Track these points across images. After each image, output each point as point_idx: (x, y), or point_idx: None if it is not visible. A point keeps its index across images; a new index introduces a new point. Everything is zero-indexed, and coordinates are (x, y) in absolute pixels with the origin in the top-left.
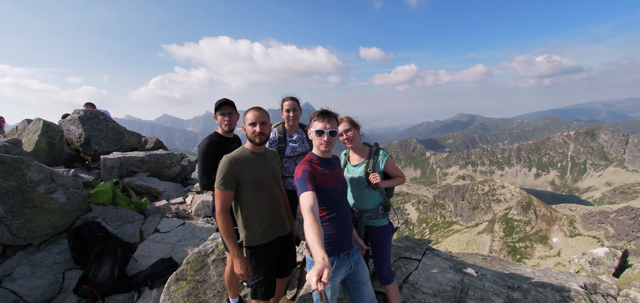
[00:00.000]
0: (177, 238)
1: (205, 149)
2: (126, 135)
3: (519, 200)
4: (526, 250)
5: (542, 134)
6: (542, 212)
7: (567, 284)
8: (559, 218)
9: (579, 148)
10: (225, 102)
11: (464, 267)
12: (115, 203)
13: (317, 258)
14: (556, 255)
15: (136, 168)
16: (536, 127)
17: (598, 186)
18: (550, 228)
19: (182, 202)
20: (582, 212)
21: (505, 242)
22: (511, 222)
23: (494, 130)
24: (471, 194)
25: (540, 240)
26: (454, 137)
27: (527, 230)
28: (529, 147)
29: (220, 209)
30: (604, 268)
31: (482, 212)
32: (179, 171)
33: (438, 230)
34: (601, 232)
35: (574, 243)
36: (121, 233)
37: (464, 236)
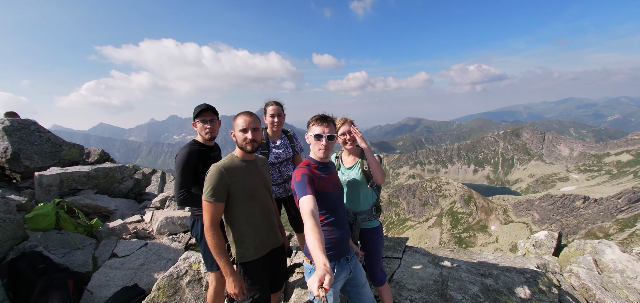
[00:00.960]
0: (139, 262)
1: (185, 158)
2: (65, 148)
3: (462, 195)
4: (470, 239)
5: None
6: (481, 204)
7: (526, 266)
8: (495, 209)
9: (507, 145)
10: (206, 107)
11: (441, 261)
12: (60, 227)
13: (319, 264)
14: (495, 242)
15: (80, 185)
16: (472, 128)
17: (524, 178)
18: (489, 218)
19: (139, 220)
20: (512, 202)
21: (452, 234)
22: (456, 215)
23: (438, 132)
24: (421, 192)
25: (481, 229)
26: (404, 140)
27: (470, 221)
28: (467, 146)
29: (210, 224)
30: (545, 249)
31: (431, 207)
32: (132, 186)
33: (394, 227)
34: (529, 217)
35: (508, 229)
36: (70, 262)
37: (417, 231)
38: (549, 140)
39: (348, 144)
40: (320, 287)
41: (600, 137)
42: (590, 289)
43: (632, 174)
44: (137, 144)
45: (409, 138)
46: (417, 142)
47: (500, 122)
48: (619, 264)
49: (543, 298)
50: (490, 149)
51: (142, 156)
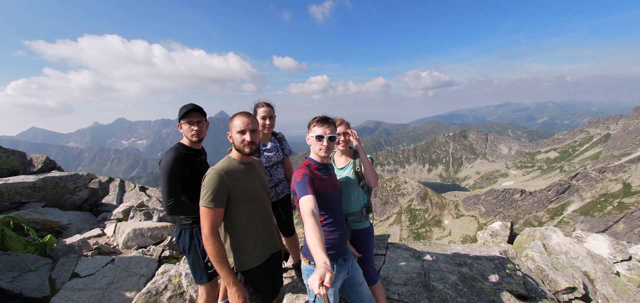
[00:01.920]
0: (107, 280)
1: (171, 164)
2: (3, 155)
3: (418, 192)
4: (427, 234)
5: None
6: (436, 201)
7: (493, 254)
8: (447, 204)
9: (456, 146)
10: (194, 108)
11: (421, 255)
12: (5, 247)
13: (319, 262)
14: (448, 235)
15: (25, 197)
16: (425, 130)
17: (471, 175)
18: (442, 213)
19: (100, 234)
20: (462, 197)
21: (411, 230)
22: (414, 212)
23: (395, 134)
24: (382, 191)
25: (436, 224)
26: (364, 142)
27: (426, 217)
28: (422, 147)
29: (210, 231)
30: (500, 238)
31: (391, 206)
32: (86, 197)
33: None
34: (476, 211)
35: (459, 223)
36: (22, 286)
37: (379, 230)
38: (491, 140)
39: (341, 144)
40: (321, 285)
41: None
42: (544, 270)
43: (559, 169)
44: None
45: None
46: (377, 144)
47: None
48: (563, 247)
49: (510, 281)
50: (442, 149)
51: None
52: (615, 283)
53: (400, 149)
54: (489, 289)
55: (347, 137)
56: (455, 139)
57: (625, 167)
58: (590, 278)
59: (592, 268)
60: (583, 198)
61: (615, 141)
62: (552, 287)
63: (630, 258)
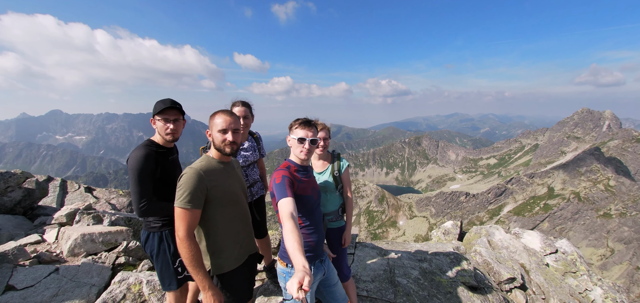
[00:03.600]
0: (51, 293)
1: (142, 163)
2: None
3: (376, 195)
4: (383, 234)
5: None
6: (392, 202)
7: (448, 250)
8: (402, 206)
9: (411, 151)
10: (171, 105)
11: (387, 253)
12: None
13: (298, 266)
14: (403, 235)
15: None
16: (384, 135)
17: (423, 178)
18: (398, 214)
19: (39, 241)
20: (416, 199)
21: (369, 231)
22: (372, 213)
23: (356, 138)
24: None
25: (392, 224)
26: None
27: (383, 218)
28: (380, 151)
29: (186, 233)
30: (452, 236)
31: None
32: (20, 198)
33: None
34: (428, 212)
35: (413, 223)
36: None
37: None
38: (441, 147)
39: (319, 149)
40: (300, 289)
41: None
42: (489, 263)
43: (497, 174)
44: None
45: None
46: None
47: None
48: (504, 242)
49: (464, 274)
50: (399, 154)
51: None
52: (546, 273)
53: (361, 153)
54: (446, 282)
55: (327, 142)
56: (410, 144)
57: (550, 173)
58: (526, 269)
59: (528, 260)
60: (516, 200)
61: (542, 150)
62: (497, 278)
63: (557, 251)
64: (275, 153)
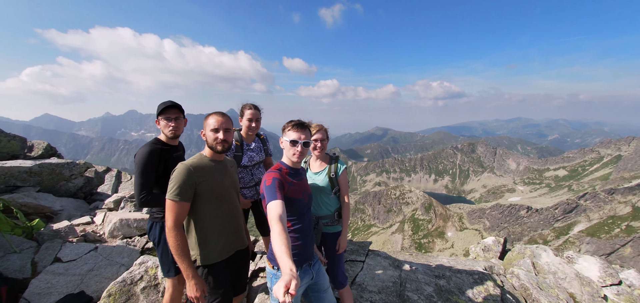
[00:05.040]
0: (88, 267)
1: (146, 158)
2: (3, 139)
3: (423, 202)
4: (429, 244)
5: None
6: (440, 211)
7: (475, 268)
8: (451, 216)
9: (464, 158)
10: (171, 105)
11: (401, 264)
12: None
13: (285, 269)
14: (451, 247)
15: (20, 181)
16: (434, 140)
17: (477, 188)
18: (446, 225)
19: (89, 222)
20: (467, 210)
21: (413, 240)
22: (417, 222)
23: (403, 142)
24: (386, 198)
25: (439, 235)
26: (371, 148)
27: (429, 228)
28: (429, 157)
29: (174, 224)
30: (492, 253)
31: (394, 214)
32: (81, 184)
33: (359, 233)
34: (481, 225)
35: (463, 235)
36: (4, 267)
37: (381, 237)
38: (499, 154)
39: (317, 150)
40: (286, 293)
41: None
42: (528, 289)
43: (567, 188)
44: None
45: (377, 147)
46: (384, 151)
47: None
48: (552, 266)
49: (488, 297)
50: (449, 160)
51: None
52: None
53: (407, 158)
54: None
55: (324, 144)
56: (463, 150)
57: (636, 189)
58: (576, 301)
59: (579, 290)
60: (590, 219)
61: (626, 163)
62: None
63: (620, 282)
64: None
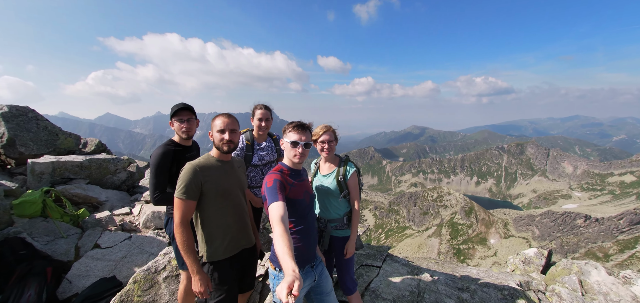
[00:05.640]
0: (121, 254)
1: (159, 159)
2: (61, 137)
3: (463, 206)
4: (469, 251)
5: (481, 146)
6: (482, 216)
7: (506, 283)
8: (495, 222)
9: (511, 159)
10: (183, 107)
11: (420, 272)
12: (46, 215)
13: (288, 270)
14: (493, 255)
15: (73, 174)
16: (476, 140)
17: (526, 193)
18: (489, 231)
19: (128, 212)
20: (513, 216)
21: (451, 245)
22: (456, 226)
23: (442, 141)
24: (422, 200)
25: (481, 241)
26: (408, 147)
27: (470, 233)
28: (470, 157)
29: (180, 221)
30: (533, 266)
31: (431, 216)
32: (125, 178)
33: (393, 235)
34: (529, 233)
35: (508, 243)
36: (52, 250)
37: (416, 240)
38: (553, 156)
39: (325, 152)
40: (289, 294)
41: (605, 156)
42: None
43: (635, 195)
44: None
45: (413, 146)
46: (420, 151)
47: (505, 136)
48: (603, 286)
49: None
50: (494, 161)
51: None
52: None
53: (447, 158)
54: None
55: (332, 145)
56: (510, 151)
57: None
58: None
59: None
60: None
61: None
62: None
63: None
64: (354, 153)
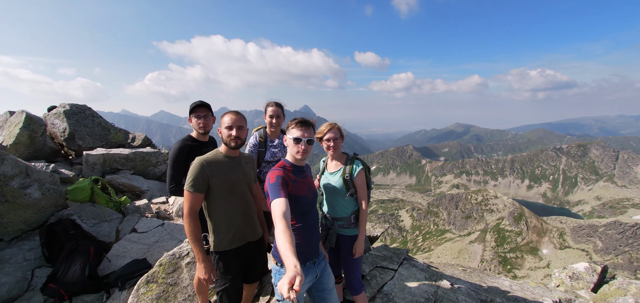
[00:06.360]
0: (154, 239)
1: (176, 153)
2: (113, 132)
3: (511, 211)
4: (516, 260)
5: (535, 147)
6: (533, 224)
7: (541, 299)
8: (549, 230)
9: (570, 162)
10: (200, 104)
11: (440, 279)
12: (93, 200)
13: (289, 266)
14: (545, 267)
15: (120, 165)
16: (530, 139)
17: (588, 200)
18: (541, 240)
19: (164, 201)
20: (572, 225)
21: (496, 252)
22: (503, 233)
23: (489, 141)
24: (464, 203)
25: (531, 251)
26: (450, 146)
27: (518, 241)
28: (522, 158)
29: (188, 212)
30: (583, 283)
31: (474, 221)
32: (164, 170)
33: (431, 237)
34: (590, 245)
35: (563, 255)
36: (97, 231)
37: (456, 245)
38: (623, 159)
39: (330, 150)
40: (290, 289)
41: None
42: None
43: None
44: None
45: (456, 145)
46: (464, 150)
47: (565, 135)
48: None
49: None
50: (550, 164)
51: None
52: None
53: (494, 159)
54: None
55: (338, 143)
56: (570, 152)
57: None
58: None
59: None
60: None
61: None
62: None
63: None
64: (391, 151)
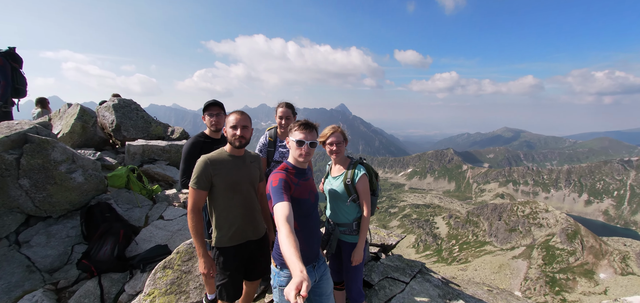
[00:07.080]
0: (178, 227)
1: (189, 149)
2: (153, 125)
3: (564, 227)
4: (567, 282)
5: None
6: (590, 244)
7: None
8: (609, 253)
9: None
10: (213, 102)
11: (456, 299)
12: (129, 187)
13: (296, 271)
14: (602, 293)
15: (157, 156)
16: (591, 148)
17: None
18: (598, 263)
19: None
20: (638, 249)
21: (543, 271)
22: (553, 250)
23: (542, 148)
24: (509, 215)
25: (585, 274)
26: (496, 152)
27: (571, 261)
28: (581, 170)
29: (192, 208)
30: None
31: (520, 235)
32: None
33: (468, 248)
34: None
35: (625, 282)
36: (129, 216)
37: (497, 259)
38: None
39: (333, 154)
40: (297, 294)
41: None
42: None
43: None
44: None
45: (503, 151)
46: (512, 157)
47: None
48: None
49: None
50: (615, 177)
51: None
52: None
53: (547, 168)
54: None
55: (341, 147)
56: None
57: None
58: None
59: None
60: None
61: None
62: None
63: None
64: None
